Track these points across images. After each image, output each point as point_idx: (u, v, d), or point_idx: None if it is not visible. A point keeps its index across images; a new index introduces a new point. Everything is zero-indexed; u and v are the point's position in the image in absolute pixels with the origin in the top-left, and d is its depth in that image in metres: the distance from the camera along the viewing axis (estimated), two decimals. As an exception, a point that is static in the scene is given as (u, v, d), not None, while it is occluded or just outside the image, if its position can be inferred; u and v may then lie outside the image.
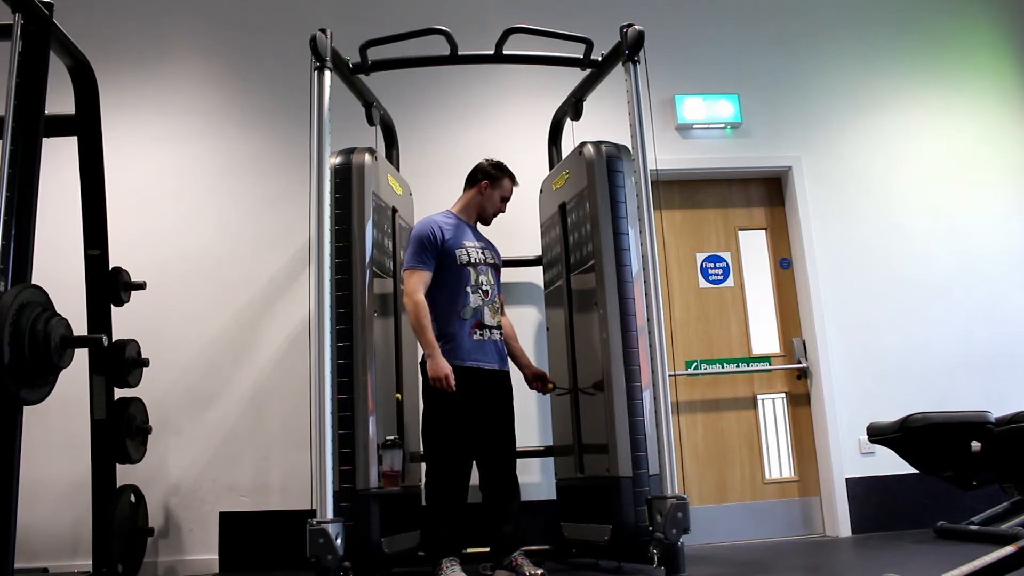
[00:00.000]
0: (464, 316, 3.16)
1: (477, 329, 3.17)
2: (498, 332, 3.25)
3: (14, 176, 2.57)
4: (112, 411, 3.33)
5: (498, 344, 3.25)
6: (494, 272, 3.31)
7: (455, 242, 3.21)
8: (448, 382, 3.01)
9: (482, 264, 3.24)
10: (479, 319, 3.18)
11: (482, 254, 3.27)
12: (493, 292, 3.26)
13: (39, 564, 3.62)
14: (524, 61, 3.70)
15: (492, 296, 3.25)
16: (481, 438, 3.19)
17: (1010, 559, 2.01)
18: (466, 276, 3.19)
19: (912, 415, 3.43)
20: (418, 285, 3.12)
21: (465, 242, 3.24)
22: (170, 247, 4.10)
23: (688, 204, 4.54)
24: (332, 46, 3.11)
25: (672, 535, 2.79)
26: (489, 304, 3.22)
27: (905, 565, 3.07)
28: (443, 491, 3.09)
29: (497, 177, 3.37)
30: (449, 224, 3.26)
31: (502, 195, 3.39)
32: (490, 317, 3.22)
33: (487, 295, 3.22)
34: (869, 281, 4.41)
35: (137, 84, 4.29)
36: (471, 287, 3.19)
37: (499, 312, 3.29)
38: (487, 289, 3.23)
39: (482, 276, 3.22)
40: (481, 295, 3.20)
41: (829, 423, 4.20)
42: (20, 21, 2.67)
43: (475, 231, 3.37)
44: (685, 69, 4.54)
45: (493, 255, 3.35)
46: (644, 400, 3.19)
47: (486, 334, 3.20)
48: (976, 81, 4.75)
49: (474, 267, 3.21)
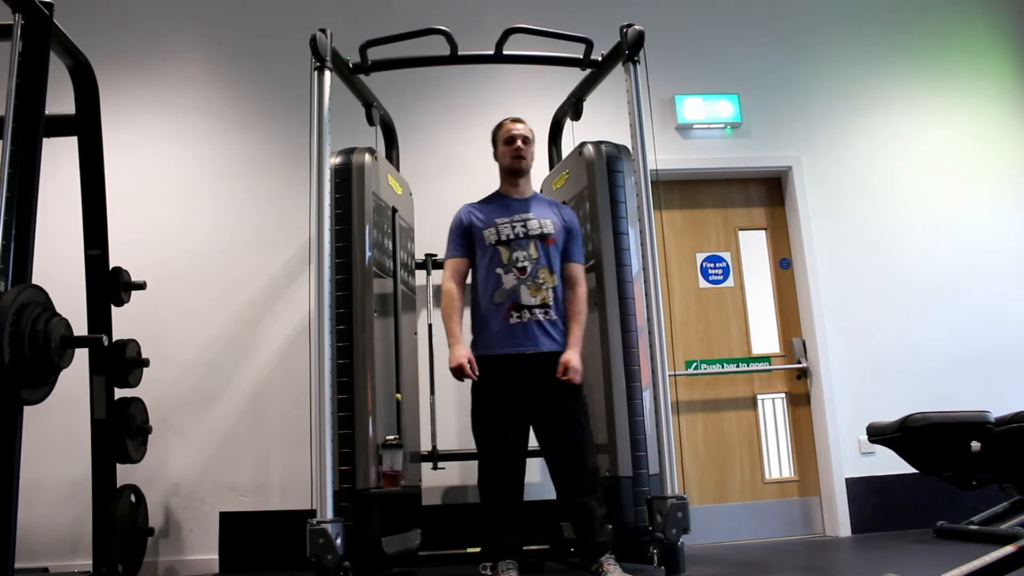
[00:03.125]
0: (496, 300, 2.97)
1: (513, 312, 2.95)
2: (542, 311, 2.96)
3: (14, 176, 2.57)
4: (112, 411, 3.33)
5: (544, 324, 2.96)
6: (540, 243, 3.01)
7: (486, 221, 3.05)
8: (464, 371, 2.88)
9: (521, 238, 3.00)
10: (515, 300, 2.95)
11: (523, 227, 3.02)
12: (534, 267, 2.98)
13: (39, 564, 3.62)
14: (524, 61, 3.70)
15: (532, 272, 2.98)
16: (539, 431, 2.98)
17: (1010, 559, 2.01)
18: (496, 257, 3.00)
19: (912, 415, 3.43)
20: (448, 274, 3.04)
21: (497, 220, 3.04)
22: (170, 247, 4.10)
23: (688, 204, 4.54)
24: (332, 46, 3.11)
25: (672, 535, 2.79)
26: (528, 281, 2.96)
27: (905, 565, 3.07)
28: (485, 490, 2.94)
29: (494, 133, 3.23)
30: (482, 205, 3.13)
31: (504, 140, 3.15)
32: (529, 296, 2.95)
33: (524, 272, 2.97)
34: (869, 281, 4.41)
35: (137, 84, 4.29)
36: (503, 267, 2.98)
37: (544, 288, 2.98)
38: (524, 266, 2.97)
39: (517, 252, 2.99)
40: (516, 273, 2.97)
41: (829, 423, 4.20)
42: (20, 21, 2.67)
43: (521, 202, 3.12)
44: (685, 69, 4.54)
45: (540, 223, 3.04)
46: (644, 400, 3.19)
47: (524, 315, 2.94)
48: (976, 81, 4.75)
49: (506, 244, 3.00)
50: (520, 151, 3.11)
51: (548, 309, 2.98)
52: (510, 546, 2.88)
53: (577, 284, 3.07)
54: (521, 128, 3.15)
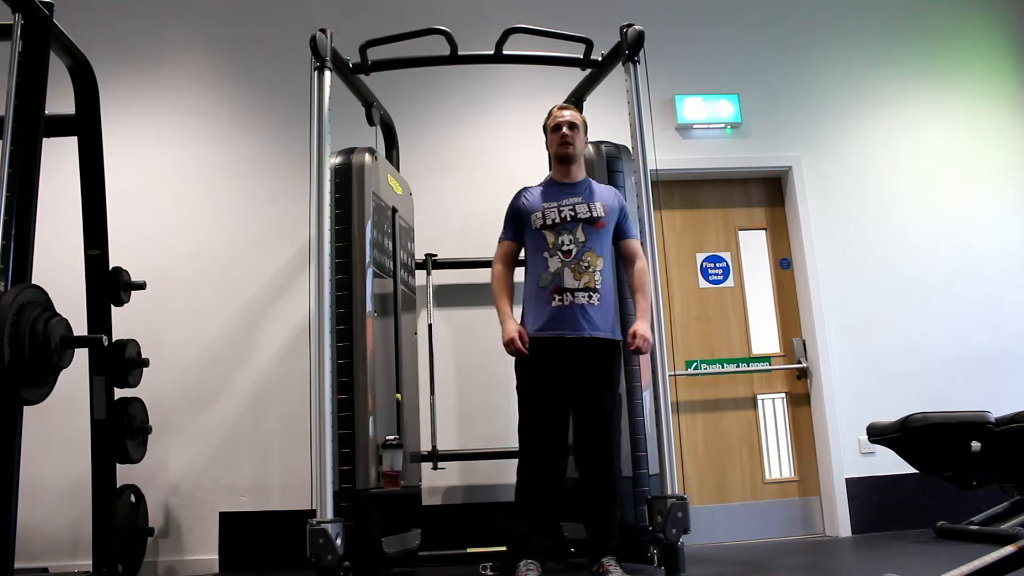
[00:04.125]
0: (541, 284, 2.96)
1: (556, 295, 2.92)
2: (586, 295, 2.92)
3: (14, 176, 2.57)
4: (112, 411, 3.33)
5: (587, 309, 2.91)
6: (588, 227, 2.99)
7: (534, 205, 3.06)
8: (516, 345, 2.88)
9: (568, 222, 2.98)
10: (558, 284, 2.93)
11: (571, 211, 3.00)
12: (579, 250, 2.95)
13: (39, 564, 3.62)
14: (524, 61, 3.70)
15: (578, 255, 2.95)
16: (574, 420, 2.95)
17: (1010, 559, 2.01)
18: (542, 240, 2.99)
19: (912, 415, 3.44)
20: (497, 256, 3.11)
21: (545, 203, 3.04)
22: (170, 247, 4.10)
23: (688, 204, 4.54)
24: (332, 46, 3.11)
25: (672, 535, 2.79)
26: (572, 264, 2.94)
27: (905, 565, 3.07)
28: (520, 483, 2.92)
29: (544, 123, 3.22)
30: (535, 188, 3.15)
31: (551, 128, 3.14)
32: (572, 279, 2.92)
33: (568, 255, 2.94)
34: (869, 281, 4.41)
35: (137, 84, 4.29)
36: (548, 251, 2.97)
37: (590, 271, 2.94)
38: (569, 249, 2.95)
39: (563, 236, 2.97)
40: (560, 257, 2.95)
41: (829, 423, 4.20)
42: (20, 21, 2.67)
43: (571, 186, 3.10)
44: (685, 69, 4.54)
45: (590, 207, 3.02)
46: (644, 400, 3.19)
47: (567, 298, 2.91)
48: (976, 81, 4.75)
49: (552, 228, 2.98)
50: (566, 137, 3.08)
51: (592, 293, 2.93)
52: (536, 546, 2.86)
53: (637, 258, 3.07)
54: (567, 115, 3.13)
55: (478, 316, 4.06)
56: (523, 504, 2.91)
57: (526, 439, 2.95)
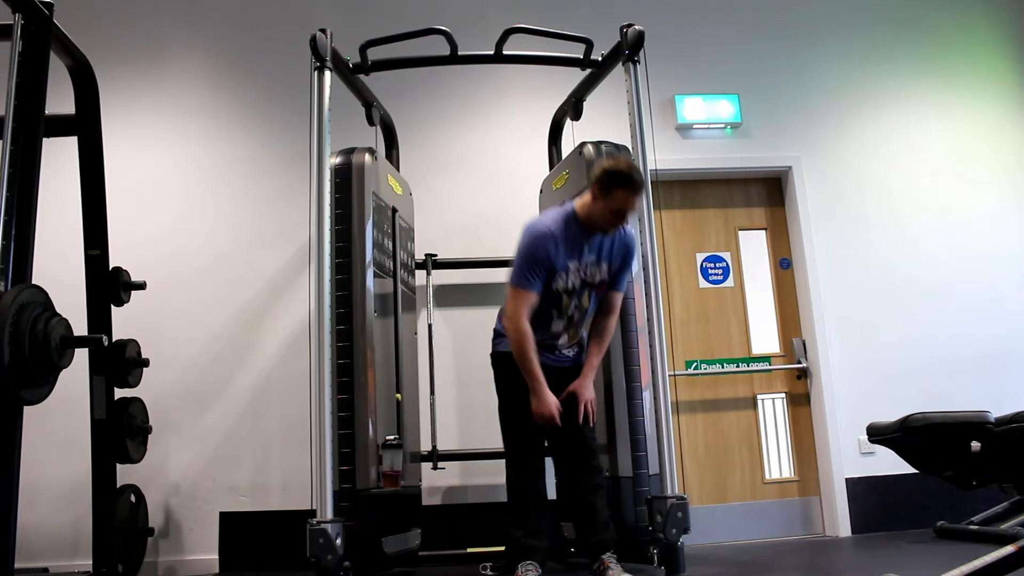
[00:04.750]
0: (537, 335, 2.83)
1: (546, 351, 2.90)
2: (571, 349, 2.99)
3: (14, 176, 2.57)
4: (112, 411, 3.33)
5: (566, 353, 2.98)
6: (593, 293, 2.91)
7: (559, 261, 2.80)
8: (553, 421, 2.78)
9: (579, 288, 2.87)
10: (553, 343, 2.93)
11: (585, 274, 2.86)
12: (581, 317, 2.93)
13: (39, 564, 3.62)
14: (524, 61, 3.70)
15: (578, 321, 2.93)
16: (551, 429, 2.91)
17: (1010, 559, 2.01)
18: (556, 301, 2.86)
19: (912, 415, 3.44)
20: (523, 309, 2.76)
21: (571, 263, 2.83)
22: (170, 247, 4.10)
23: (688, 204, 4.54)
24: (332, 46, 3.11)
25: (672, 535, 2.80)
26: (571, 329, 2.94)
27: (905, 565, 3.07)
28: (511, 485, 2.90)
29: (610, 184, 2.75)
30: (563, 237, 2.81)
31: (614, 207, 2.76)
32: (566, 341, 2.95)
33: (571, 321, 2.92)
34: (869, 281, 4.41)
35: (137, 84, 4.29)
36: (557, 311, 2.88)
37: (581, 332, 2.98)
38: (572, 315, 2.90)
39: (574, 301, 2.88)
40: (564, 322, 2.91)
41: (829, 423, 4.20)
42: (20, 21, 2.67)
43: (591, 240, 2.87)
44: (685, 69, 4.54)
45: (600, 272, 2.89)
46: (644, 400, 3.19)
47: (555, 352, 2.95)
48: (976, 81, 4.75)
49: (569, 293, 2.85)
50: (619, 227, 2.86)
51: (575, 347, 3.00)
52: (535, 547, 2.83)
53: (613, 311, 2.97)
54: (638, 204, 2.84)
55: (478, 316, 4.05)
56: (517, 506, 2.89)
57: (512, 440, 2.93)
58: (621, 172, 2.75)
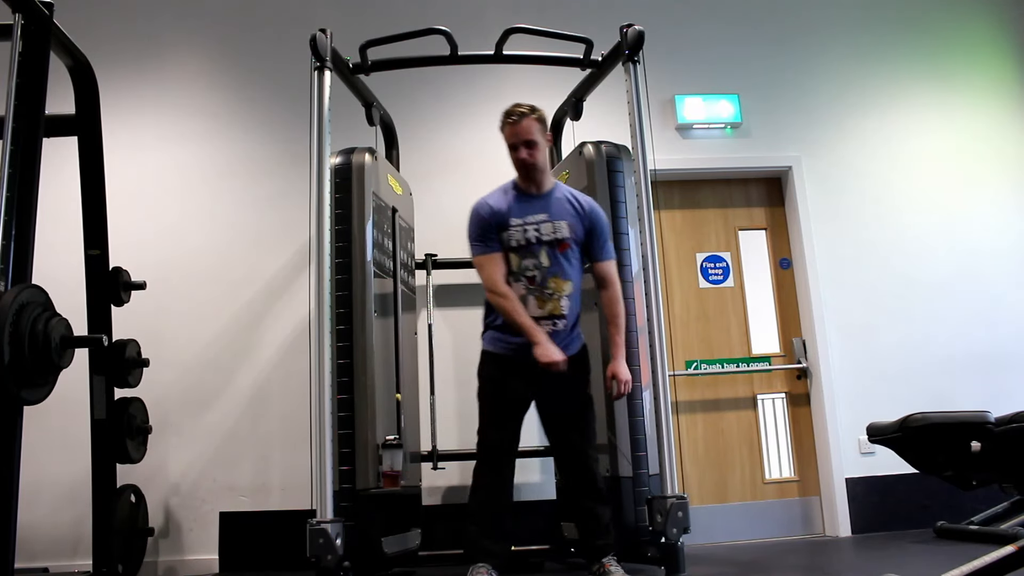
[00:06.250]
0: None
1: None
2: (550, 323, 2.78)
3: (14, 176, 2.57)
4: (112, 411, 3.33)
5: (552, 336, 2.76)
6: (551, 251, 2.80)
7: (501, 220, 2.82)
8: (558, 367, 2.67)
9: (533, 244, 2.80)
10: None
11: (535, 231, 2.80)
12: (543, 276, 2.78)
13: (39, 564, 3.62)
14: (524, 61, 3.70)
15: (541, 281, 2.78)
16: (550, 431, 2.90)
17: (1010, 559, 2.01)
18: (507, 264, 2.81)
19: (912, 415, 3.44)
20: (495, 274, 2.77)
21: (512, 222, 2.82)
22: (170, 247, 4.10)
23: (688, 204, 4.54)
24: (332, 46, 3.11)
25: (672, 535, 2.80)
26: (536, 292, 2.78)
27: (905, 565, 3.07)
28: (475, 485, 2.85)
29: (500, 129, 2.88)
30: (497, 196, 2.87)
31: (508, 146, 2.87)
32: (536, 307, 2.77)
33: (533, 281, 2.78)
34: (869, 281, 4.41)
35: (137, 84, 4.29)
36: (512, 275, 2.80)
37: (555, 299, 2.79)
38: (532, 275, 2.78)
39: (527, 260, 2.79)
40: (525, 283, 2.78)
41: (829, 423, 4.20)
42: (20, 21, 2.67)
43: (539, 199, 2.87)
44: (685, 69, 4.54)
45: (555, 227, 2.81)
46: (644, 400, 3.19)
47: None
48: (976, 80, 4.75)
49: (516, 251, 2.80)
50: (526, 161, 2.83)
51: (557, 320, 2.80)
52: (488, 549, 2.77)
53: (608, 284, 2.89)
54: (522, 131, 2.81)
55: (478, 316, 4.03)
56: (479, 507, 2.82)
57: (486, 443, 2.84)
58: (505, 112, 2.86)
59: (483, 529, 2.79)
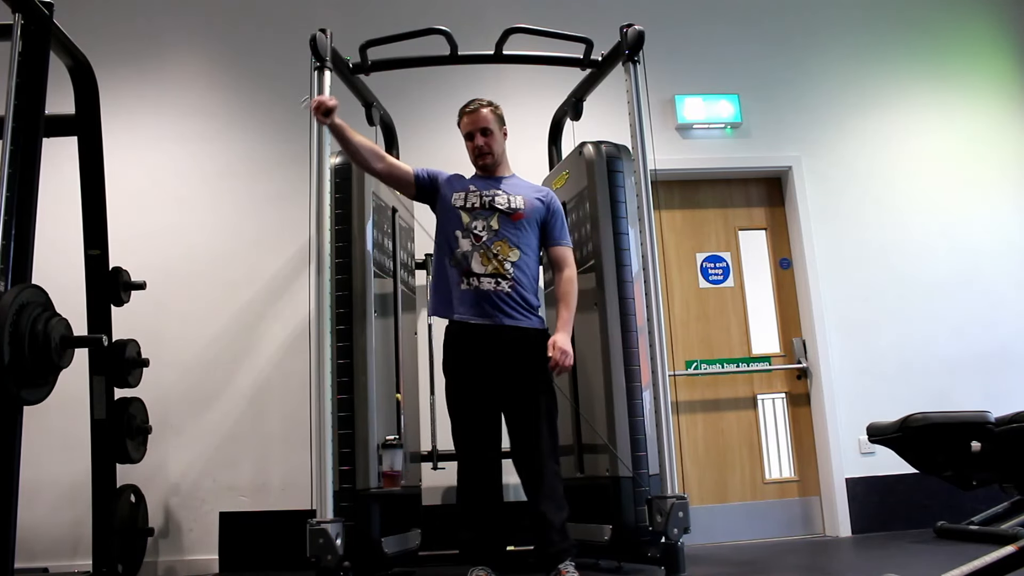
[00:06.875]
0: (451, 263, 2.86)
1: (464, 278, 2.82)
2: (492, 280, 2.80)
3: (14, 176, 2.57)
4: (112, 411, 3.33)
5: (493, 297, 2.78)
6: (503, 217, 2.89)
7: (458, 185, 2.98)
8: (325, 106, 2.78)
9: (484, 208, 2.89)
10: (467, 266, 2.82)
11: (489, 199, 2.91)
12: (491, 237, 2.85)
13: (39, 564, 3.62)
14: (524, 61, 3.70)
15: (488, 241, 2.84)
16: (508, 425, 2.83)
17: (1010, 559, 2.01)
18: (457, 219, 2.89)
19: (912, 415, 3.44)
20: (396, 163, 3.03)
21: (470, 187, 2.97)
22: (170, 247, 4.10)
23: (688, 204, 4.54)
24: (332, 46, 3.10)
25: (672, 535, 2.80)
26: (481, 249, 2.83)
27: (905, 565, 3.07)
28: (459, 485, 2.82)
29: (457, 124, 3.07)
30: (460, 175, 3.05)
31: (463, 134, 3.05)
32: (479, 264, 2.81)
33: (479, 240, 2.84)
34: (869, 281, 4.41)
35: (137, 84, 4.29)
36: (461, 230, 2.87)
37: (498, 260, 2.82)
38: (480, 234, 2.85)
39: (477, 221, 2.87)
40: (471, 240, 2.85)
41: (829, 423, 4.20)
42: (20, 21, 2.67)
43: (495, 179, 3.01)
44: (685, 69, 4.54)
45: (509, 199, 2.92)
46: (644, 400, 3.18)
47: (473, 282, 2.80)
48: (976, 80, 4.75)
49: (469, 211, 2.89)
50: (481, 148, 3.00)
51: (500, 280, 2.81)
52: (484, 550, 2.76)
53: (564, 266, 2.94)
54: (479, 119, 2.99)
55: (478, 316, 4.06)
56: (466, 510, 2.80)
57: (460, 442, 2.83)
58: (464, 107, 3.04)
59: (475, 532, 2.78)
